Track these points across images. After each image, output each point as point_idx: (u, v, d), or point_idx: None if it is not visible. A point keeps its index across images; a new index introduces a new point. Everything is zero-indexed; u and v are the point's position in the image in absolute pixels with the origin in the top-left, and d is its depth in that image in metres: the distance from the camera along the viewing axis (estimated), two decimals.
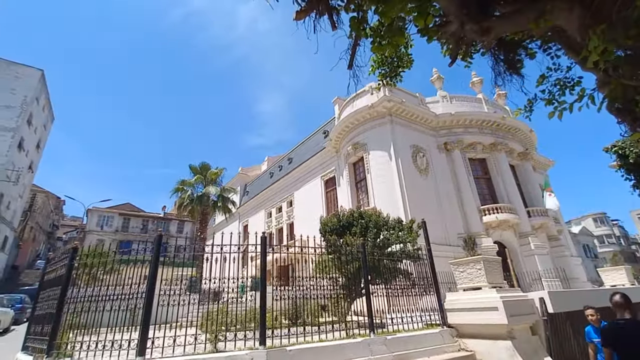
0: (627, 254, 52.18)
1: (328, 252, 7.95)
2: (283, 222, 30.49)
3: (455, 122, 22.84)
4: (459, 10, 2.74)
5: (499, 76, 3.57)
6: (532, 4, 2.40)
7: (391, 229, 11.25)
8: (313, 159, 27.12)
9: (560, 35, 2.69)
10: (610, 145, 8.92)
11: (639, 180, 8.35)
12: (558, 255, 21.74)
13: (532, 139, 26.50)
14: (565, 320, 7.26)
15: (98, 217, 44.01)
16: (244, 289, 11.18)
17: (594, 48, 1.84)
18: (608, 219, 59.17)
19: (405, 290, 7.79)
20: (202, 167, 26.06)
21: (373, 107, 20.75)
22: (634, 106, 2.29)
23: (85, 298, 5.42)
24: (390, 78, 3.63)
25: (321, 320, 6.81)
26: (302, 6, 2.97)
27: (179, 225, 49.18)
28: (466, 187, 21.19)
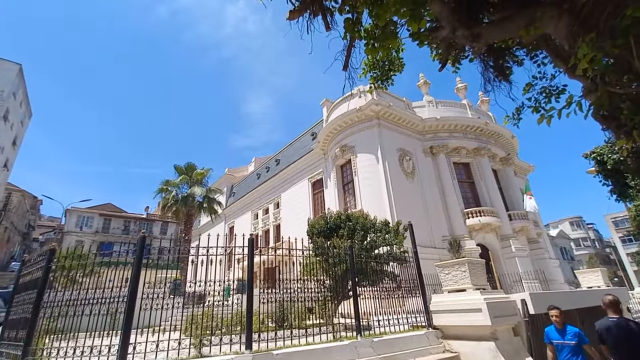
0: (601, 257, 54.36)
1: (315, 255, 7.92)
2: (270, 223, 30.25)
3: (441, 127, 23.29)
4: (451, 15, 2.79)
5: (489, 82, 3.65)
6: (522, 12, 2.47)
7: (378, 231, 11.31)
8: (301, 161, 27.06)
9: (548, 43, 2.77)
10: (589, 152, 9.28)
11: (615, 186, 8.71)
12: (537, 258, 22.42)
13: (514, 144, 27.31)
14: (546, 321, 7.46)
15: (77, 217, 42.49)
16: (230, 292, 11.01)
17: (583, 56, 1.90)
18: (584, 222, 61.57)
19: (391, 292, 7.83)
20: (188, 167, 25.59)
21: (361, 110, 20.91)
22: (619, 113, 2.38)
23: (63, 302, 5.19)
24: (382, 81, 3.66)
25: (308, 323, 6.77)
26: (295, 6, 2.95)
27: (162, 227, 48.04)
28: (451, 191, 21.61)
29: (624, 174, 7.97)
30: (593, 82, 2.19)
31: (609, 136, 2.92)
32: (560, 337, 4.72)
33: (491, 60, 3.59)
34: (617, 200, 9.08)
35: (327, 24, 2.89)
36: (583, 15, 2.09)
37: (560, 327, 4.78)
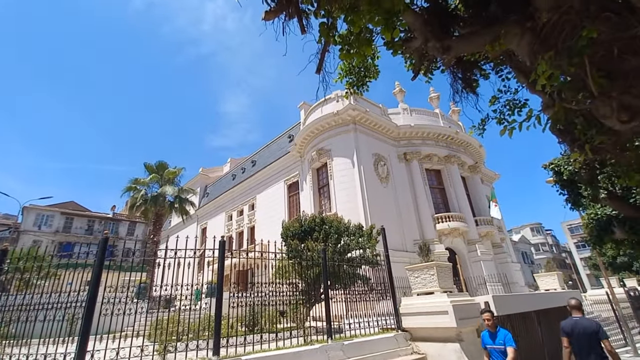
0: (558, 261, 58.00)
1: (289, 257, 7.86)
2: (244, 225, 29.73)
3: (415, 134, 24.00)
4: (423, 27, 2.89)
5: (457, 93, 3.81)
6: (488, 28, 2.60)
7: (352, 234, 11.43)
8: (277, 163, 26.87)
9: (512, 59, 2.94)
10: (548, 163, 9.92)
11: (570, 195, 9.35)
12: (501, 262, 23.56)
13: (482, 153, 28.65)
14: (507, 322, 7.84)
15: (36, 215, 39.60)
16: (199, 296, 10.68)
17: (542, 72, 2.03)
18: (543, 228, 65.42)
19: (363, 295, 7.91)
20: (159, 165, 24.61)
21: (338, 115, 21.12)
22: (573, 128, 2.56)
23: (16, 306, 4.81)
24: (357, 87, 3.72)
25: (279, 327, 6.69)
26: (271, 7, 2.93)
27: (129, 227, 45.83)
28: (422, 196, 22.27)
29: (578, 185, 8.58)
30: (551, 97, 2.35)
31: (565, 149, 3.14)
32: (491, 342, 4.66)
33: (460, 72, 3.75)
34: (572, 208, 9.76)
35: (302, 26, 2.91)
36: (543, 35, 2.23)
37: (493, 330, 4.68)
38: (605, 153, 2.83)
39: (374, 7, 2.32)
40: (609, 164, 4.70)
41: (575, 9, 2.14)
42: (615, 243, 10.48)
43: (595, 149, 2.67)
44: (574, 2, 2.09)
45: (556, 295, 10.41)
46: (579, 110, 2.59)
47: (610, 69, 2.24)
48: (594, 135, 2.53)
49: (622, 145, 2.87)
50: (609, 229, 9.81)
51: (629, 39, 2.19)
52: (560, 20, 2.19)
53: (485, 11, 2.84)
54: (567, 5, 2.12)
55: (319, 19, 2.73)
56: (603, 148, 2.66)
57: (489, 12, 2.76)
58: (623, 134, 2.56)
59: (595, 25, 2.09)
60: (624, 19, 2.16)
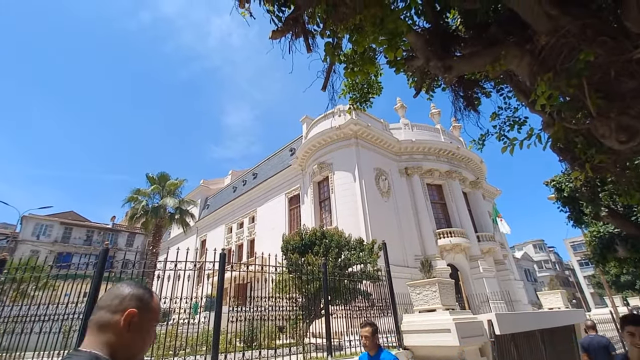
0: (561, 278, 57.14)
1: (289, 271, 7.80)
2: (244, 238, 29.55)
3: (416, 149, 24.14)
4: (425, 47, 2.98)
5: (459, 111, 3.89)
6: (489, 49, 2.68)
7: (352, 249, 11.35)
8: (278, 176, 26.95)
9: (512, 79, 3.01)
10: (549, 180, 9.94)
11: (572, 212, 9.32)
12: (503, 279, 23.24)
13: (483, 169, 28.72)
14: (510, 341, 7.68)
15: (35, 225, 39.46)
16: (197, 309, 10.52)
17: (542, 93, 2.08)
18: (545, 245, 64.74)
19: (364, 311, 7.80)
20: (161, 177, 24.72)
21: (340, 129, 21.32)
22: (573, 147, 2.60)
23: (11, 317, 4.76)
24: (360, 103, 3.80)
25: (278, 343, 6.57)
26: (278, 26, 3.04)
27: (129, 238, 45.57)
28: (424, 211, 22.19)
29: (580, 202, 8.58)
30: (551, 117, 2.40)
31: (566, 167, 3.18)
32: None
33: (461, 91, 3.83)
34: (574, 226, 9.72)
35: (308, 46, 3.00)
36: (542, 57, 2.30)
37: (372, 352, 3.34)
38: (606, 172, 2.86)
39: (377, 28, 2.41)
40: (610, 182, 4.72)
41: (572, 32, 2.22)
42: (619, 261, 10.37)
43: (595, 168, 2.70)
44: (571, 26, 2.16)
45: (560, 314, 10.23)
46: (579, 130, 2.63)
47: (608, 90, 2.30)
48: (594, 154, 2.57)
49: (622, 164, 2.91)
50: (611, 247, 9.73)
51: (625, 62, 2.26)
52: (558, 43, 2.26)
53: (486, 33, 2.93)
54: (564, 29, 2.19)
55: (325, 39, 2.82)
56: (603, 167, 2.69)
57: (489, 34, 2.85)
58: (623, 153, 2.60)
59: (592, 49, 2.16)
60: (620, 43, 2.23)
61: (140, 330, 1.00)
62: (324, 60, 3.05)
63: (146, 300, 1.04)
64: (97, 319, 0.98)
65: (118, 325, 0.96)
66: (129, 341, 0.97)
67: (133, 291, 1.03)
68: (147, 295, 1.06)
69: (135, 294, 1.02)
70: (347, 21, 2.49)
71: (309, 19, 2.86)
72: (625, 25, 2.21)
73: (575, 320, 10.08)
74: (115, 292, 1.02)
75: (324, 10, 2.51)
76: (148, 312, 1.03)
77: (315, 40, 3.07)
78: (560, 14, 2.25)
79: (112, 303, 1.00)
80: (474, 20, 3.16)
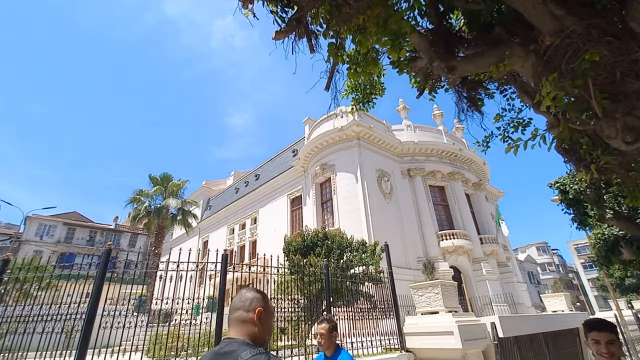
0: (565, 281, 56.75)
1: (291, 272, 7.78)
2: (246, 239, 29.57)
3: (418, 150, 24.08)
4: (429, 48, 2.97)
5: (462, 112, 3.87)
6: (492, 50, 2.67)
7: (355, 250, 11.33)
8: (280, 177, 26.96)
9: (516, 80, 2.99)
10: (553, 182, 9.87)
11: (576, 214, 9.25)
12: (506, 281, 23.10)
13: (486, 170, 28.60)
14: (514, 344, 7.63)
15: (38, 225, 39.68)
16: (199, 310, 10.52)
17: (547, 94, 2.07)
18: (549, 248, 64.34)
19: (366, 313, 7.77)
20: (164, 177, 24.80)
21: (342, 130, 21.32)
22: (578, 148, 2.58)
23: (14, 318, 4.77)
24: (363, 104, 3.79)
25: (280, 345, 6.55)
26: (281, 27, 3.04)
27: (131, 239, 45.74)
28: (426, 213, 22.11)
29: (584, 204, 8.51)
30: (556, 117, 2.38)
31: (571, 168, 3.15)
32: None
33: (464, 92, 3.82)
34: (578, 228, 9.64)
35: (311, 46, 3.00)
36: (547, 57, 2.29)
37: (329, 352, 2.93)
38: (611, 173, 2.83)
39: (381, 28, 2.40)
40: (615, 183, 4.69)
41: (577, 32, 2.20)
42: (623, 264, 10.27)
43: (601, 169, 2.68)
44: (576, 26, 2.15)
45: (564, 317, 10.15)
46: (584, 131, 2.61)
47: (614, 91, 2.28)
48: (599, 156, 2.55)
49: (627, 165, 2.88)
50: (616, 250, 9.65)
51: (630, 63, 2.24)
52: (563, 44, 2.24)
53: (490, 33, 2.92)
54: (569, 29, 2.18)
55: (328, 39, 2.82)
56: (609, 168, 2.67)
57: (493, 34, 2.84)
58: (628, 154, 2.57)
59: (597, 49, 2.14)
60: (625, 43, 2.21)
61: (266, 322, 1.42)
62: (327, 60, 3.05)
63: (265, 301, 1.46)
64: (238, 316, 1.40)
65: (252, 320, 1.37)
66: (260, 330, 1.38)
67: (256, 295, 1.45)
68: (265, 297, 1.48)
69: (257, 297, 1.44)
70: (350, 22, 2.49)
71: (312, 20, 2.86)
72: (630, 26, 2.19)
73: (579, 323, 9.98)
74: (244, 296, 1.44)
75: (328, 11, 2.51)
76: (267, 309, 1.45)
77: (318, 41, 3.07)
78: (566, 14, 2.24)
79: (244, 304, 1.41)
80: (478, 21, 3.15)
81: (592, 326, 2.04)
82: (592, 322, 2.08)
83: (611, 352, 1.94)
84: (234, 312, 1.41)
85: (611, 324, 2.04)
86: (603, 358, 1.94)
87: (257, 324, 1.37)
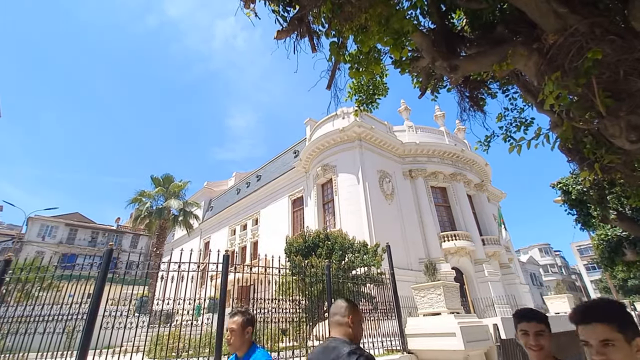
0: (568, 283, 56.45)
1: (292, 273, 7.77)
2: (247, 240, 29.57)
3: (420, 151, 24.04)
4: (431, 47, 2.96)
5: (464, 111, 3.85)
6: (495, 48, 2.65)
7: (356, 251, 11.30)
8: (282, 178, 26.96)
9: (519, 79, 2.98)
10: (556, 182, 9.82)
11: (580, 215, 9.20)
12: (509, 283, 22.98)
13: (488, 171, 28.51)
14: (516, 346, 7.58)
15: (40, 226, 39.80)
16: (200, 311, 10.51)
17: (550, 93, 2.05)
18: (551, 249, 64.03)
19: (367, 314, 7.74)
20: (165, 178, 24.83)
21: (344, 131, 21.31)
22: (582, 147, 2.56)
23: (15, 318, 4.78)
24: (367, 104, 3.78)
25: (281, 346, 6.54)
26: (283, 26, 3.03)
27: (133, 239, 45.82)
28: (428, 214, 22.06)
29: (587, 204, 8.46)
30: (559, 116, 2.36)
31: (574, 168, 3.12)
32: None
33: (467, 91, 3.80)
34: (582, 229, 9.58)
35: (313, 45, 2.99)
36: (550, 55, 2.27)
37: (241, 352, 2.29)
38: (615, 172, 2.81)
39: (383, 27, 2.40)
40: (619, 183, 4.65)
41: (581, 31, 2.18)
42: (627, 265, 10.20)
43: (605, 168, 2.66)
44: (579, 25, 2.13)
45: (567, 319, 10.08)
46: (588, 130, 2.59)
47: (617, 89, 2.26)
48: (603, 155, 2.52)
49: (631, 164, 2.86)
50: (619, 251, 9.59)
51: (634, 61, 2.22)
52: (566, 42, 2.23)
53: (492, 32, 2.90)
54: (573, 28, 2.16)
55: (330, 39, 2.81)
56: (613, 167, 2.65)
57: (496, 33, 2.82)
58: (633, 153, 2.55)
59: (600, 47, 2.12)
60: (629, 42, 2.19)
61: (357, 325, 1.78)
62: (329, 59, 3.04)
63: (356, 309, 1.83)
64: (336, 320, 1.80)
65: (347, 323, 1.76)
66: (354, 331, 1.75)
67: (348, 304, 1.83)
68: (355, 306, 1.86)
69: (350, 306, 1.83)
70: (352, 21, 2.48)
71: (314, 19, 2.86)
72: (632, 25, 2.17)
73: None
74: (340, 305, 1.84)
75: (330, 10, 2.50)
76: (358, 315, 1.81)
77: (320, 40, 3.06)
78: (569, 12, 2.22)
79: (340, 311, 1.80)
80: (480, 20, 3.14)
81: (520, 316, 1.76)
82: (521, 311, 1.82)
83: (540, 344, 1.66)
84: (333, 317, 1.82)
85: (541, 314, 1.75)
86: (532, 351, 1.67)
87: (351, 326, 1.75)
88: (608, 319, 1.15)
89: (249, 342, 2.35)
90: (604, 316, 1.16)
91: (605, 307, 1.19)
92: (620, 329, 1.11)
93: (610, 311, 1.18)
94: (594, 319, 1.18)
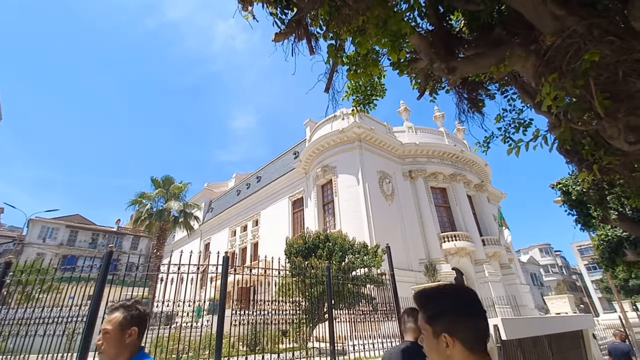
0: (568, 283, 56.34)
1: (292, 275, 7.77)
2: (247, 241, 29.57)
3: (420, 152, 24.05)
4: (429, 49, 2.96)
5: (463, 113, 3.86)
6: (493, 50, 2.66)
7: (356, 252, 11.29)
8: (282, 179, 26.97)
9: (517, 80, 2.98)
10: (555, 182, 9.82)
11: (580, 215, 9.19)
12: (509, 283, 22.94)
13: (487, 172, 28.49)
14: (517, 347, 7.55)
15: (41, 228, 39.80)
16: (200, 313, 10.51)
17: (547, 94, 2.05)
18: (552, 249, 63.88)
19: (367, 315, 7.73)
20: (166, 180, 24.82)
21: (344, 132, 21.31)
22: (580, 148, 2.56)
23: (15, 320, 4.78)
24: (364, 105, 3.78)
25: (281, 347, 6.53)
26: (281, 29, 3.04)
27: (133, 241, 45.82)
28: (428, 214, 22.05)
29: (587, 205, 8.45)
30: (557, 118, 2.37)
31: (573, 169, 3.13)
32: None
33: (465, 93, 3.81)
34: (582, 229, 9.57)
35: (311, 48, 3.00)
36: (548, 57, 2.27)
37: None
38: (614, 174, 2.81)
39: (381, 29, 2.40)
40: (618, 184, 4.65)
41: (578, 33, 2.19)
42: (628, 265, 10.19)
43: (603, 170, 2.65)
44: (577, 26, 2.13)
45: (568, 319, 10.05)
46: (586, 131, 2.59)
47: (616, 90, 2.26)
48: (601, 156, 2.52)
49: (630, 165, 2.86)
50: (620, 251, 9.57)
51: (633, 62, 2.22)
52: (563, 44, 2.23)
53: (490, 34, 2.91)
54: (570, 30, 2.17)
55: (328, 41, 2.82)
56: (612, 168, 2.65)
57: (494, 35, 2.83)
58: (631, 155, 2.55)
59: (599, 49, 2.12)
60: (628, 43, 2.19)
61: None
62: (327, 62, 3.04)
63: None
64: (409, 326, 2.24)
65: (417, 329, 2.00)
66: None
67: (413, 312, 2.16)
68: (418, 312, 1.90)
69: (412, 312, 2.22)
70: (350, 23, 2.49)
71: (312, 21, 2.86)
72: (632, 25, 2.17)
73: (583, 325, 9.89)
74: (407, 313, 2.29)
75: (327, 12, 2.51)
76: None
77: (318, 43, 3.07)
78: (566, 14, 2.22)
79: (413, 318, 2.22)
80: (478, 22, 3.14)
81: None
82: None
83: None
84: (406, 324, 2.27)
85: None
86: None
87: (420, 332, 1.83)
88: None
89: (132, 349, 1.53)
90: None
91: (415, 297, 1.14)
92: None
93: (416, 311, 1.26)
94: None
